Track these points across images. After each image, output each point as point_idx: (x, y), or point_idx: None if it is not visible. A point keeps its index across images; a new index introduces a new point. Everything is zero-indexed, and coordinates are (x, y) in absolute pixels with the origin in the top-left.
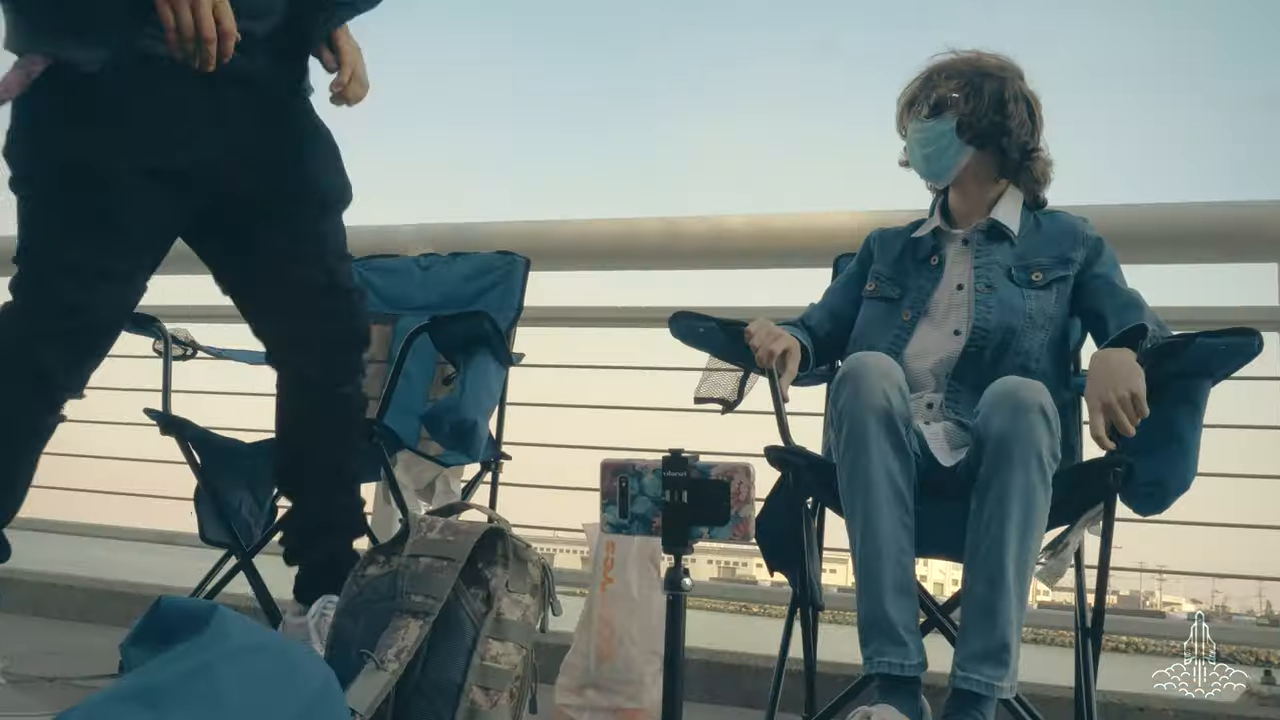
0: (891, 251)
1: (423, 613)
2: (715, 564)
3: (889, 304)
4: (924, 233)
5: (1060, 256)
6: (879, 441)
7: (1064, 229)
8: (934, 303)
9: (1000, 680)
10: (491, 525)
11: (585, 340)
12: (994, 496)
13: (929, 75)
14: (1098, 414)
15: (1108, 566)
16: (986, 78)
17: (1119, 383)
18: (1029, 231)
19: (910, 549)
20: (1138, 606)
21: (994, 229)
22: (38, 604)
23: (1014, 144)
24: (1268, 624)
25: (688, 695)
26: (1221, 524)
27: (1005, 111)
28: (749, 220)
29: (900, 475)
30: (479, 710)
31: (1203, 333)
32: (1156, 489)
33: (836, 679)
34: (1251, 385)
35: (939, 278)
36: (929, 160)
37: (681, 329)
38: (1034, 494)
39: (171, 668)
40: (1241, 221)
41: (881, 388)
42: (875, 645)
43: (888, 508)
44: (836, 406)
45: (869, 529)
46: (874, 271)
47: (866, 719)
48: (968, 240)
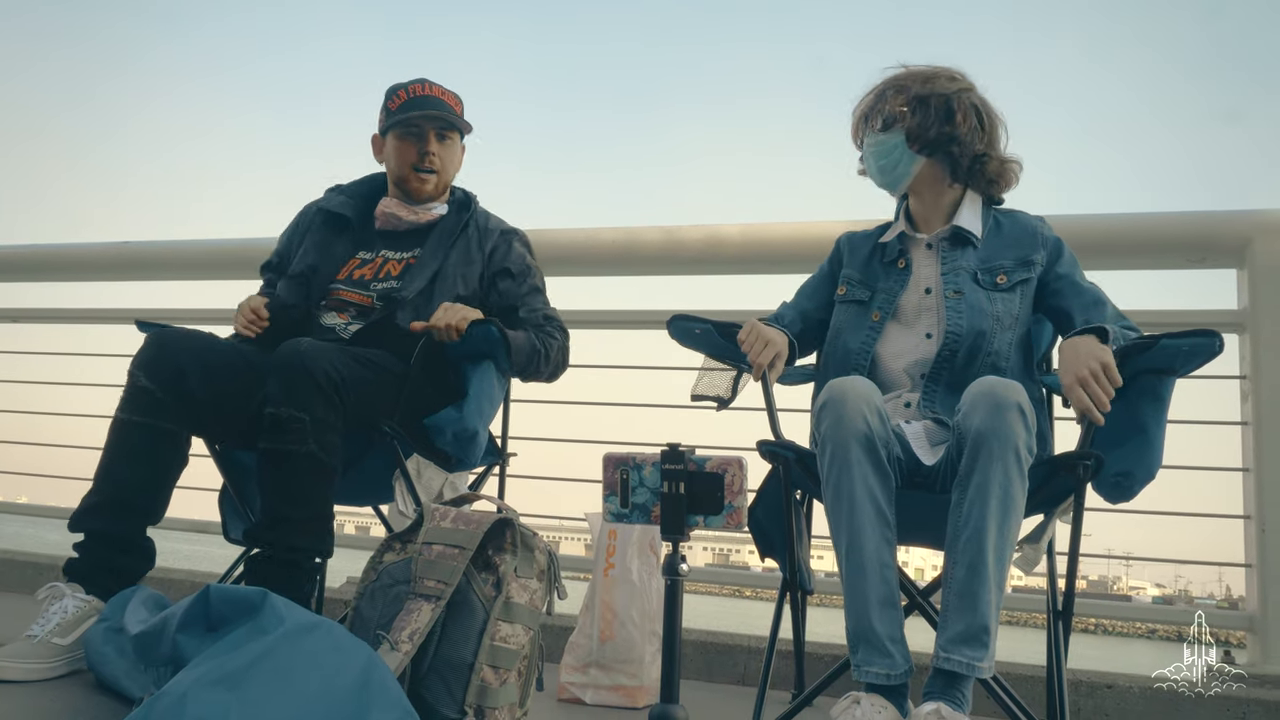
0: (860, 254)
1: (435, 597)
2: (710, 551)
3: (860, 305)
4: (890, 237)
5: (1022, 259)
6: (861, 465)
7: (1024, 230)
8: (902, 304)
9: (980, 661)
10: (500, 515)
11: (588, 341)
12: (974, 488)
13: (881, 91)
14: (1074, 389)
15: (1078, 553)
16: (934, 92)
17: (1089, 358)
18: (990, 233)
19: (893, 563)
20: (1106, 590)
21: (957, 234)
22: None
23: (965, 151)
24: (1227, 607)
25: (684, 674)
26: (1184, 513)
27: (953, 121)
28: (744, 229)
29: (881, 493)
30: (489, 688)
31: (1168, 334)
32: (1124, 479)
33: (824, 658)
34: (1213, 384)
35: (906, 280)
36: (884, 171)
37: (679, 331)
38: (1011, 486)
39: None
40: (1205, 230)
41: (861, 412)
42: (863, 656)
43: (870, 527)
44: (820, 431)
45: (854, 546)
46: (844, 275)
47: (856, 703)
48: (932, 245)
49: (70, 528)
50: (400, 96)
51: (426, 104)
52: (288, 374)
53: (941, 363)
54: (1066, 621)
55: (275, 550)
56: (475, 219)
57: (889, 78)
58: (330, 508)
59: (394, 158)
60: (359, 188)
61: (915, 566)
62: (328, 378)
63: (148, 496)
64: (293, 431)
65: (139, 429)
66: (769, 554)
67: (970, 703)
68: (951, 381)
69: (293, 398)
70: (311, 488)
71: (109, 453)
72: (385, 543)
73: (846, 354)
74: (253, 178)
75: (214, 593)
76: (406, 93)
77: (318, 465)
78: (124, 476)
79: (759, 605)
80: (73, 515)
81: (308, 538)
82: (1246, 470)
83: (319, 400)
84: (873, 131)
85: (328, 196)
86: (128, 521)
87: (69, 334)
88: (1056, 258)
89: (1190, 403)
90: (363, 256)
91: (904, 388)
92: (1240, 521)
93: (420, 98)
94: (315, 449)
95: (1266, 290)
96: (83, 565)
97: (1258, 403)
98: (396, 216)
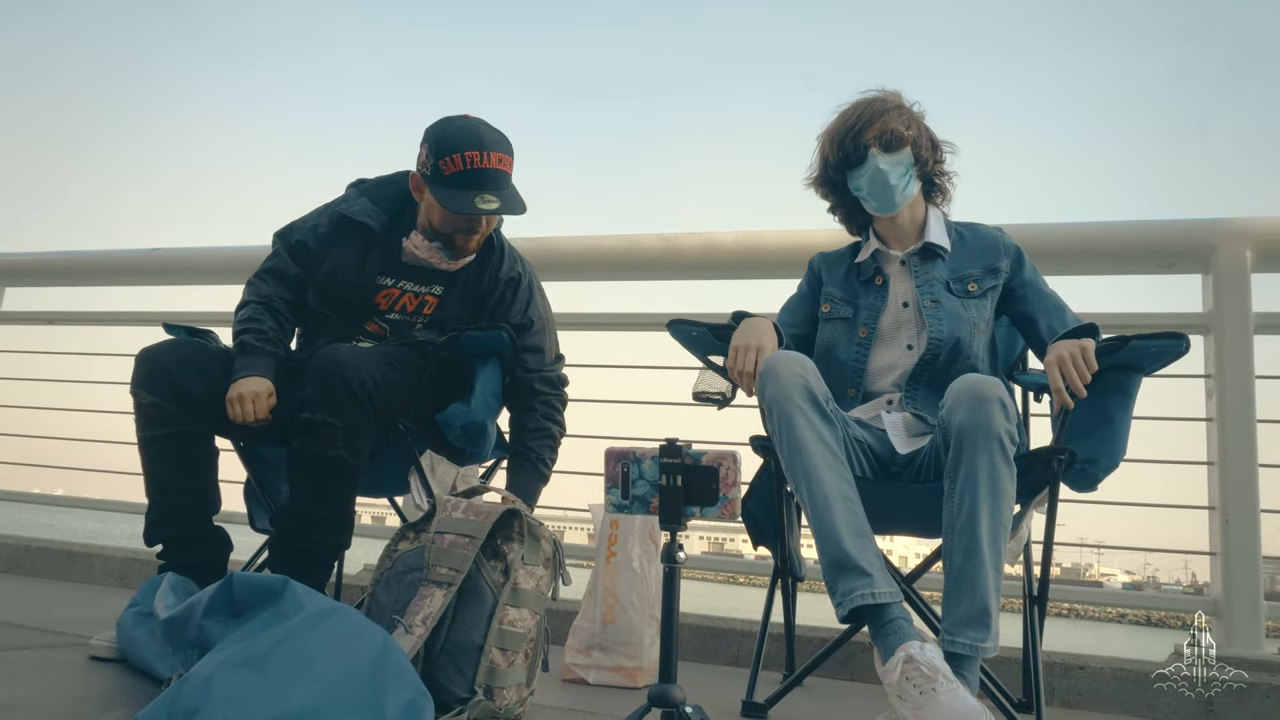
0: (838, 273)
1: (447, 583)
2: (706, 539)
3: (846, 322)
4: (864, 257)
5: (988, 267)
6: (805, 414)
7: (986, 241)
8: (884, 321)
9: (983, 641)
10: (509, 506)
11: (591, 342)
12: (963, 478)
13: (872, 113)
14: (1054, 369)
15: (1052, 542)
16: (913, 115)
17: (1073, 344)
18: (956, 246)
19: (856, 498)
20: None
21: (928, 249)
22: (122, 577)
23: (932, 171)
24: (1193, 592)
25: (682, 655)
26: (1152, 504)
27: (933, 143)
28: (738, 236)
29: (830, 437)
30: (497, 669)
31: (1138, 335)
32: (1090, 465)
33: (813, 640)
34: (1180, 383)
35: (885, 296)
36: (895, 190)
37: (677, 333)
38: (998, 472)
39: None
40: (1173, 238)
41: (796, 371)
42: (844, 585)
43: (826, 467)
44: (764, 399)
45: (813, 483)
46: (826, 293)
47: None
48: (905, 261)
49: (146, 543)
50: (454, 164)
51: (483, 182)
52: (326, 382)
53: (923, 366)
54: (1041, 606)
55: (297, 541)
56: (491, 267)
57: (869, 99)
58: (352, 506)
59: (440, 218)
60: (384, 192)
61: (899, 555)
62: (363, 387)
63: (197, 493)
64: (325, 436)
65: (164, 441)
66: (761, 542)
67: (978, 684)
68: (932, 381)
69: (328, 404)
70: (336, 487)
71: (149, 470)
72: (400, 532)
73: (841, 367)
74: (274, 187)
75: (238, 580)
76: (463, 161)
77: (344, 467)
78: (170, 483)
79: (752, 591)
80: (144, 532)
81: (328, 532)
82: (1211, 464)
83: (353, 408)
84: (880, 153)
85: (354, 199)
86: (191, 521)
87: (101, 335)
88: (1019, 265)
89: (1158, 400)
90: (383, 282)
91: (888, 393)
92: (1205, 512)
93: (477, 173)
94: (344, 453)
95: (1230, 294)
96: (173, 569)
97: (1221, 400)
98: (428, 262)
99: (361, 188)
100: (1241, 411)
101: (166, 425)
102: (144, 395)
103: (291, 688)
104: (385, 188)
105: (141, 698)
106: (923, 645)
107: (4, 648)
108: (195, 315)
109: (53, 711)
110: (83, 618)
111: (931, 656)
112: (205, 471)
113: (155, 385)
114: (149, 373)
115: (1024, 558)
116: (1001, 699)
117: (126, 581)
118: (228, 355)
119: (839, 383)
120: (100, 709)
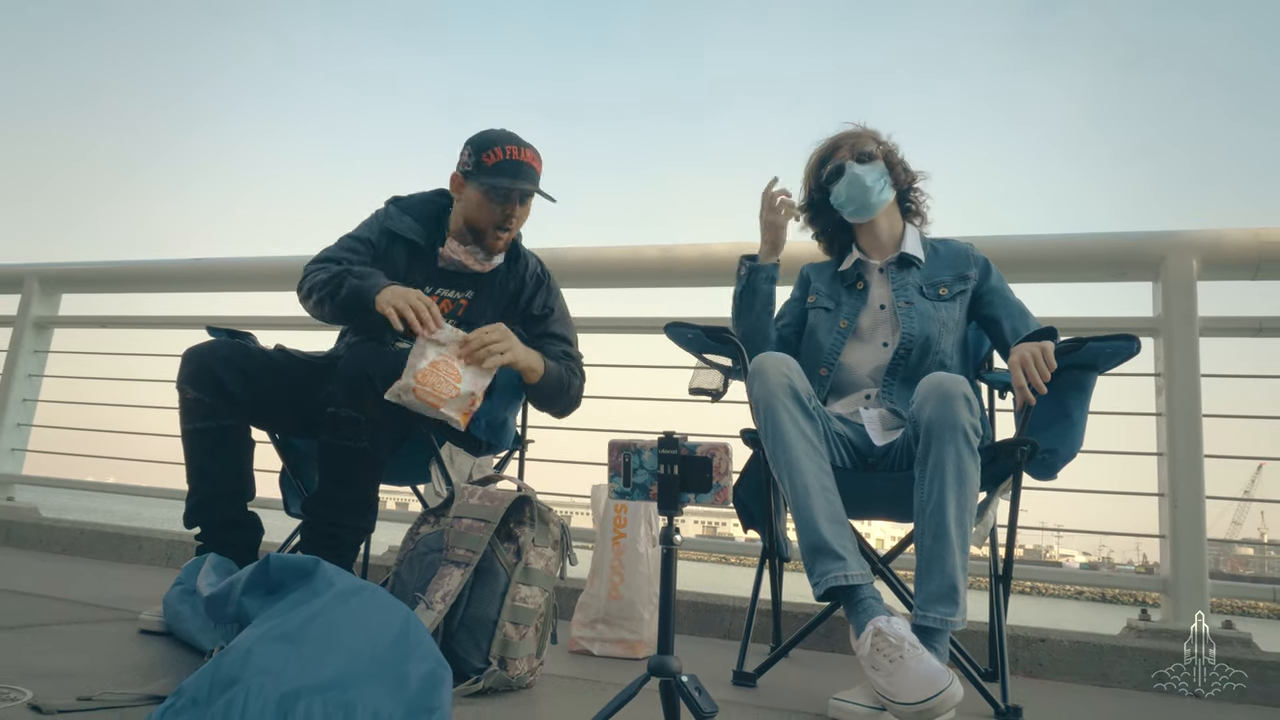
0: (824, 276)
1: (464, 563)
2: (700, 523)
3: (828, 312)
4: (848, 265)
5: (958, 274)
6: (789, 410)
7: (957, 253)
8: (862, 320)
9: (952, 615)
10: (520, 493)
11: (595, 344)
12: (932, 467)
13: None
14: (1017, 368)
15: (1015, 526)
16: (884, 141)
17: (1034, 346)
18: (930, 257)
19: (834, 488)
20: (1040, 558)
21: (904, 259)
22: (168, 558)
23: (906, 187)
24: (1144, 572)
25: (678, 629)
26: (1107, 491)
27: (906, 166)
28: (732, 247)
29: (811, 431)
30: (510, 641)
31: (1094, 337)
32: (1050, 456)
33: (798, 616)
34: (1132, 380)
35: (865, 298)
36: (868, 193)
37: (674, 335)
38: (964, 461)
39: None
40: (1126, 249)
41: (782, 371)
42: (820, 567)
43: (807, 459)
44: (752, 396)
45: (795, 475)
46: (814, 289)
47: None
48: (884, 269)
49: (186, 526)
50: (496, 155)
51: (520, 172)
52: (352, 380)
53: (897, 362)
54: (1006, 584)
55: (327, 525)
56: (517, 270)
57: (845, 132)
58: (375, 492)
59: (477, 210)
60: (423, 209)
61: (876, 538)
62: (385, 385)
63: (234, 481)
64: (350, 430)
65: (204, 434)
66: (751, 526)
67: (948, 654)
68: (906, 377)
69: (353, 401)
70: (361, 476)
71: (190, 459)
72: (421, 517)
73: (819, 348)
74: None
75: (273, 561)
76: (503, 152)
77: (368, 458)
78: (209, 472)
79: (742, 571)
80: (184, 516)
81: (355, 517)
82: (1160, 454)
83: (376, 404)
84: (854, 163)
85: (397, 217)
86: (228, 507)
87: (149, 337)
88: (987, 275)
89: (1112, 396)
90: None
91: (865, 388)
92: (1155, 499)
93: (514, 163)
94: (368, 445)
95: (1177, 300)
96: (210, 549)
97: (1170, 396)
98: (463, 264)
99: (402, 205)
100: (1188, 407)
101: (208, 419)
102: (188, 391)
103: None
104: (422, 206)
105: (186, 667)
106: (889, 619)
107: (63, 621)
108: (236, 319)
109: (107, 679)
110: (133, 595)
111: (898, 627)
112: (242, 461)
113: (199, 382)
114: (194, 371)
115: (990, 540)
116: (970, 669)
117: (172, 561)
118: (266, 356)
119: (813, 361)
120: (149, 677)
